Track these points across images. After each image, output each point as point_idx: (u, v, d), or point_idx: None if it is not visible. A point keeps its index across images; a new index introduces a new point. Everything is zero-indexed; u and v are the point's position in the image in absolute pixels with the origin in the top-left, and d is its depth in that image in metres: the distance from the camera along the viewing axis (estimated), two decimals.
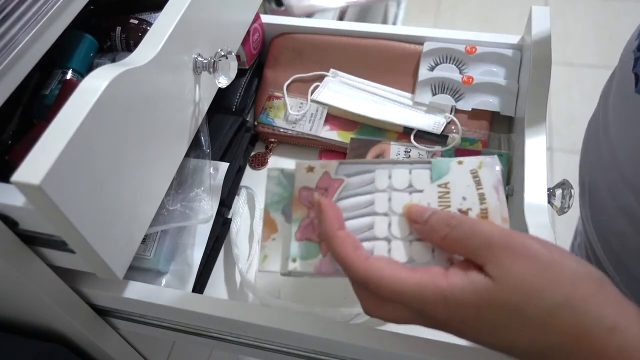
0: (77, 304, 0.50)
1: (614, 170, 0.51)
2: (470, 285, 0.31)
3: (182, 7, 0.46)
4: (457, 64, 0.67)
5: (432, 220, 0.35)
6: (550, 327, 0.30)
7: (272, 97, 0.70)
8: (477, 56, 0.66)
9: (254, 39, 0.69)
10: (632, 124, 0.48)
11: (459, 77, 0.65)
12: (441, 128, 0.63)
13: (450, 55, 0.67)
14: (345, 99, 0.66)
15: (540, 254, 0.31)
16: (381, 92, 0.67)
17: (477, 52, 0.66)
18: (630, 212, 0.49)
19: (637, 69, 0.48)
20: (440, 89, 0.65)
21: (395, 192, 0.38)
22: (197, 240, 0.57)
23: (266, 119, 0.68)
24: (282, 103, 0.69)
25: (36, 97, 0.52)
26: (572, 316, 0.30)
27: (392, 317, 0.35)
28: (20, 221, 0.40)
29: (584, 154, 0.61)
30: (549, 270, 0.30)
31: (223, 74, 0.50)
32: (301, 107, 0.68)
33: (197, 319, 0.49)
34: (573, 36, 2.03)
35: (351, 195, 0.39)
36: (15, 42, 0.40)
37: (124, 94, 0.40)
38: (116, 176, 0.40)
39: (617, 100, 0.52)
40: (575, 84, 1.85)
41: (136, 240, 0.45)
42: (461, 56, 0.66)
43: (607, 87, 0.57)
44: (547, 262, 0.31)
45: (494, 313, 0.31)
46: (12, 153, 0.49)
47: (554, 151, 1.68)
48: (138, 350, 0.61)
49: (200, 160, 0.58)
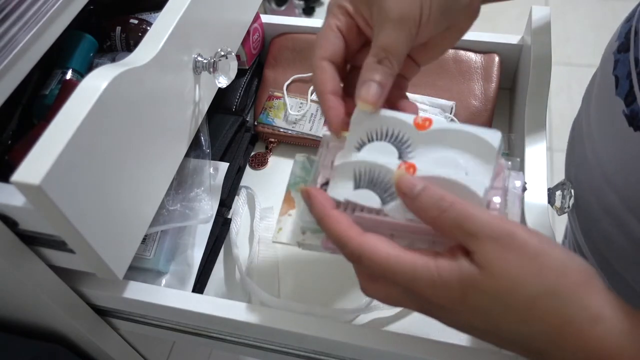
0: (77, 304, 0.50)
1: (596, 170, 0.51)
2: (457, 270, 0.32)
3: (182, 7, 0.46)
4: (397, 143, 0.39)
5: (423, 198, 0.34)
6: (533, 313, 0.31)
7: (272, 97, 0.70)
8: (430, 134, 0.38)
9: (254, 39, 0.69)
10: (613, 125, 0.48)
11: (394, 165, 0.37)
12: None
13: (391, 128, 0.39)
14: None
15: (528, 244, 0.31)
16: None
17: (432, 127, 0.38)
18: (613, 212, 0.49)
19: (617, 71, 0.48)
20: (366, 182, 0.38)
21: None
22: (197, 240, 0.57)
23: (266, 119, 0.68)
24: (282, 103, 0.69)
25: (36, 97, 0.52)
26: (555, 304, 0.30)
27: (383, 295, 0.36)
28: (20, 221, 0.40)
29: (569, 155, 0.62)
30: (536, 260, 0.31)
31: (223, 74, 0.50)
32: (301, 107, 0.68)
33: (197, 319, 0.49)
34: (573, 36, 2.03)
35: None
36: (15, 42, 0.40)
37: (124, 94, 0.40)
38: (116, 176, 0.40)
39: (598, 101, 0.52)
40: (575, 84, 1.84)
41: (136, 240, 0.45)
42: (407, 131, 0.39)
43: (589, 88, 0.57)
44: (534, 253, 0.31)
45: (478, 298, 0.32)
46: (12, 153, 0.49)
47: (554, 151, 1.68)
48: (138, 350, 0.61)
49: (200, 160, 0.58)
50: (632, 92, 0.45)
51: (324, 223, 0.36)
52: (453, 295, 0.32)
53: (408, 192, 0.35)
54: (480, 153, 0.37)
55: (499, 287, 0.31)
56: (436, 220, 0.33)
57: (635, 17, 0.48)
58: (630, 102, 0.45)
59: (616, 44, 0.50)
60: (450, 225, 0.33)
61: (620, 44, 0.48)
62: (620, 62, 0.47)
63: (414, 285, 0.33)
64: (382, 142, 0.39)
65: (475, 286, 0.31)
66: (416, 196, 0.34)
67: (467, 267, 0.32)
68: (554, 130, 1.76)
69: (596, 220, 0.53)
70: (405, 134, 0.39)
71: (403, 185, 0.35)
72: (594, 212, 0.53)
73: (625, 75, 0.46)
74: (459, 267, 0.32)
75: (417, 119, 0.38)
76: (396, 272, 0.33)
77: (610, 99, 0.48)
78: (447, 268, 0.32)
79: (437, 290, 0.32)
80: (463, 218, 0.32)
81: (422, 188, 0.34)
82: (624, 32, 0.49)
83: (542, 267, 0.31)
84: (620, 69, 0.47)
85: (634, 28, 0.47)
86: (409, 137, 0.39)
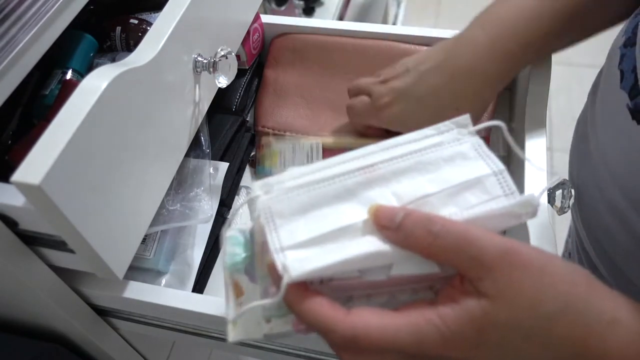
0: (77, 304, 0.50)
1: (600, 164, 0.51)
2: (466, 315, 0.29)
3: (182, 7, 0.46)
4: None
5: (407, 224, 0.30)
6: (557, 332, 0.29)
7: (263, 147, 0.67)
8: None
9: (254, 39, 0.69)
10: (617, 118, 0.48)
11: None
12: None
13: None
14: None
15: (532, 259, 0.29)
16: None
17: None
18: (616, 207, 0.49)
19: (622, 65, 0.48)
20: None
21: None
22: (197, 240, 0.57)
23: (263, 171, 0.66)
24: (274, 151, 0.66)
25: (36, 97, 0.52)
26: (575, 318, 0.29)
27: None
28: (20, 221, 0.40)
29: (573, 151, 0.62)
30: (544, 274, 0.29)
31: (223, 74, 0.50)
32: (294, 151, 0.66)
33: (197, 319, 0.49)
34: None
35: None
36: (15, 42, 0.40)
37: (124, 94, 0.40)
38: (116, 176, 0.40)
39: (603, 96, 0.52)
40: (575, 84, 1.84)
41: (136, 240, 0.45)
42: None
43: (595, 84, 0.57)
44: (541, 266, 0.29)
45: (498, 335, 0.29)
46: (12, 153, 0.48)
47: (554, 151, 1.68)
48: (138, 350, 0.61)
49: (200, 160, 0.58)
50: (637, 86, 0.45)
51: (303, 310, 0.31)
52: (468, 342, 0.29)
53: (389, 223, 0.30)
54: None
55: (518, 314, 0.28)
56: (431, 248, 0.30)
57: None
58: (634, 95, 0.45)
59: (623, 38, 0.50)
60: (449, 251, 0.29)
61: (627, 39, 0.49)
62: (627, 56, 0.47)
63: (423, 348, 0.29)
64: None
65: (492, 322, 0.29)
66: (399, 226, 0.30)
67: (476, 307, 0.29)
68: (554, 130, 1.76)
69: (599, 215, 0.53)
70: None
71: (382, 218, 0.31)
72: (596, 207, 0.53)
73: (630, 69, 0.46)
74: (466, 311, 0.29)
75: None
76: (399, 342, 0.29)
77: (615, 92, 0.48)
78: (453, 316, 0.29)
79: (449, 344, 0.29)
80: (463, 242, 0.29)
81: (405, 215, 0.30)
82: (631, 27, 0.49)
83: (554, 280, 0.29)
84: (626, 63, 0.47)
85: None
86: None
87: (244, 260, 0.36)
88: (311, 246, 0.31)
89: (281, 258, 0.31)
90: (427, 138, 0.34)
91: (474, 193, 0.32)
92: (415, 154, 0.34)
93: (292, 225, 0.32)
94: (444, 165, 0.33)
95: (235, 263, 0.36)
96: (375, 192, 0.33)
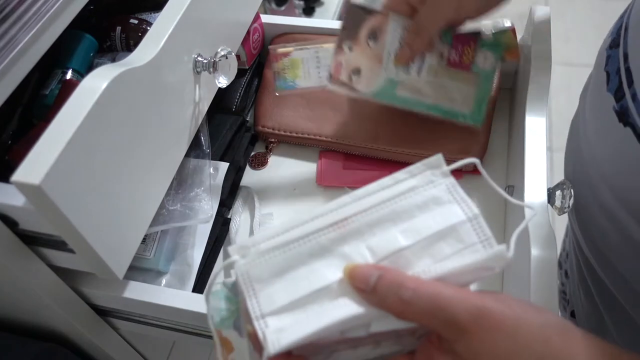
0: (77, 304, 0.50)
1: (592, 167, 0.51)
2: None
3: (182, 7, 0.46)
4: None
5: (381, 288, 0.30)
6: None
7: (279, 57, 0.59)
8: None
9: (254, 39, 0.69)
10: (605, 121, 0.48)
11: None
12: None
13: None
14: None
15: (505, 317, 0.29)
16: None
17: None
18: (608, 208, 0.49)
19: (608, 67, 0.48)
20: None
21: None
22: (197, 240, 0.57)
23: (285, 84, 0.58)
24: (295, 60, 0.58)
25: (36, 97, 0.52)
26: None
27: None
28: (20, 221, 0.40)
29: (568, 152, 0.62)
30: (518, 335, 0.29)
31: (223, 74, 0.50)
32: (319, 59, 0.58)
33: (197, 319, 0.49)
34: (573, 36, 2.03)
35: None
36: (15, 42, 0.40)
37: (124, 94, 0.40)
38: (116, 176, 0.40)
39: (592, 98, 0.52)
40: (575, 84, 1.84)
41: (136, 240, 0.45)
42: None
43: (585, 86, 0.58)
44: (514, 327, 0.29)
45: None
46: (12, 153, 0.49)
47: (554, 151, 1.68)
48: (138, 350, 0.61)
49: (200, 160, 0.58)
50: (622, 88, 0.45)
51: None
52: None
53: (364, 286, 0.30)
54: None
55: None
56: (404, 314, 0.30)
57: (627, 14, 0.48)
58: (619, 97, 0.45)
59: (609, 40, 0.50)
60: (422, 317, 0.29)
61: (612, 40, 0.49)
62: (612, 57, 0.48)
63: None
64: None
65: None
66: (373, 289, 0.30)
67: None
68: (554, 130, 1.76)
69: (593, 217, 0.53)
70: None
71: (357, 280, 0.31)
72: (590, 209, 0.53)
73: (615, 70, 0.46)
74: None
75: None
76: None
77: (602, 95, 0.48)
78: None
79: None
80: (435, 307, 0.29)
81: (378, 277, 0.30)
82: (616, 29, 0.49)
83: (527, 341, 0.29)
84: (611, 65, 0.47)
85: (624, 24, 0.47)
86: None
87: (231, 315, 0.36)
88: (290, 310, 0.31)
89: (262, 326, 0.31)
90: (399, 183, 0.34)
91: (449, 242, 0.33)
92: (389, 202, 0.34)
93: (270, 289, 0.32)
94: (417, 214, 0.33)
95: (223, 319, 0.36)
96: (351, 248, 0.33)
